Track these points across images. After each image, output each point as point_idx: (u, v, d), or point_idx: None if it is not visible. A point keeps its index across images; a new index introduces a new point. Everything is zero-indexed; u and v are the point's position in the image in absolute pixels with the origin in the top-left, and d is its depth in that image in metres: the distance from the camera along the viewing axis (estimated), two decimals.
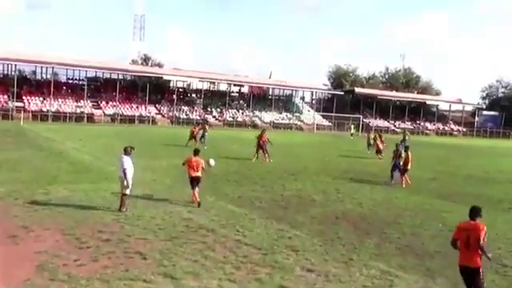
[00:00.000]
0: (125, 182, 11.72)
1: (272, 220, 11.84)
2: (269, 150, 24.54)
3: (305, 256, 9.20)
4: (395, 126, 74.79)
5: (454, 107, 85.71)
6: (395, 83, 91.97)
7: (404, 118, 78.68)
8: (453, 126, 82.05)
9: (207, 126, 33.16)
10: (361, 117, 69.57)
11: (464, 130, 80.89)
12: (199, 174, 13.26)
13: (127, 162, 11.76)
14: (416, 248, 10.30)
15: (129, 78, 67.55)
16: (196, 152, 13.57)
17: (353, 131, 56.13)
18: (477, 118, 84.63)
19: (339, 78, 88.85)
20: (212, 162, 14.40)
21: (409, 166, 18.82)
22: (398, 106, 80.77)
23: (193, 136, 30.08)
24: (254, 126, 65.03)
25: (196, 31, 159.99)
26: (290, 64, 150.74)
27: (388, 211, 13.78)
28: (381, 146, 28.90)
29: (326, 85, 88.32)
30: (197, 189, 13.20)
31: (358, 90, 77.64)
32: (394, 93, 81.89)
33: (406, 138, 39.40)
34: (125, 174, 11.67)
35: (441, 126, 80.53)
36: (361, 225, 12.01)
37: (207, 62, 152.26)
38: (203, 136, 30.51)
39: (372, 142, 30.64)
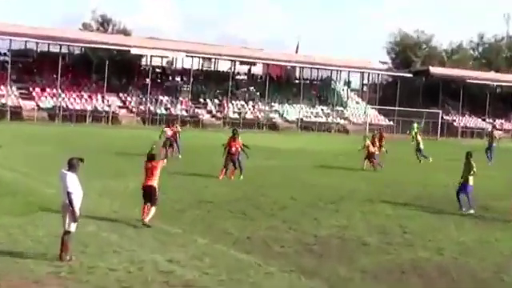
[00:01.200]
0: (68, 214, 11.70)
1: (299, 274, 11.75)
2: (243, 163, 24.57)
3: None
4: (495, 126, 74.24)
5: None
6: (494, 60, 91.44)
7: (510, 114, 77.99)
8: None
9: (179, 127, 33.52)
10: (440, 112, 69.30)
11: None
12: (152, 183, 15.01)
13: (73, 181, 11.75)
14: None
15: (77, 51, 68.19)
16: (152, 157, 15.59)
17: (415, 132, 55.88)
18: None
19: (405, 52, 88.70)
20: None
21: None
22: (499, 95, 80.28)
23: (172, 139, 30.61)
24: (273, 126, 65.16)
25: None
26: (326, 30, 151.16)
27: (484, 262, 13.61)
28: (372, 149, 29.93)
29: (384, 62, 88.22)
30: (153, 209, 14.90)
31: (434, 69, 77.42)
32: (492, 74, 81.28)
33: (494, 143, 38.86)
34: (69, 200, 11.65)
35: None
36: (441, 283, 11.90)
37: (199, 29, 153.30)
38: (174, 142, 31.05)
39: (362, 144, 30.64)
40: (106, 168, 24.27)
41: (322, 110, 71.55)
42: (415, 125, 57.86)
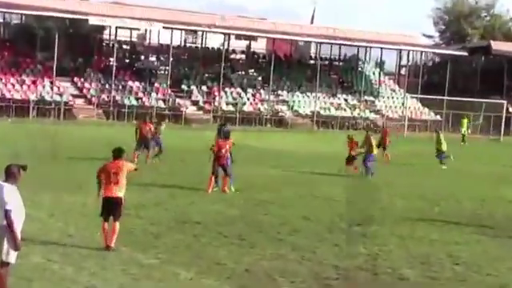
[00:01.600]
0: (6, 240, 11.72)
1: None
2: (230, 170, 24.58)
3: None
4: None
5: None
6: None
7: None
8: None
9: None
10: (504, 103, 69.20)
11: None
12: (119, 192, 15.01)
13: (12, 196, 11.75)
14: None
15: (16, 21, 68.07)
16: (118, 153, 15.59)
17: (465, 130, 56.11)
18: None
19: (458, 23, 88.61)
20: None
21: None
22: None
23: (143, 138, 31.23)
24: (280, 122, 65.12)
25: None
26: None
27: None
28: (353, 152, 31.63)
29: (430, 36, 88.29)
30: (117, 226, 15.03)
31: (497, 45, 77.28)
32: None
33: None
34: (8, 220, 11.66)
35: None
36: None
37: None
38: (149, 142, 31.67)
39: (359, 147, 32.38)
40: (56, 178, 24.26)
41: (346, 100, 71.54)
42: (465, 120, 58.04)
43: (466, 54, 76.53)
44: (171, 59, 65.69)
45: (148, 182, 23.69)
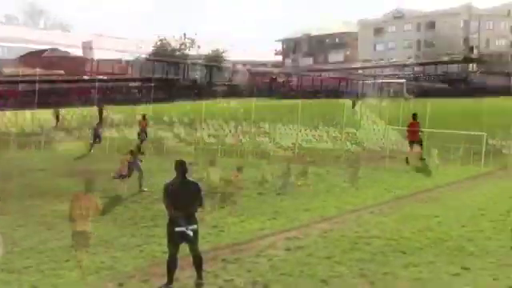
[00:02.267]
0: None
1: None
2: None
3: None
4: None
5: None
6: None
7: None
8: None
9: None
10: (484, 135, 69.51)
11: None
12: (87, 227, 15.20)
13: None
14: None
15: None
16: (88, 185, 15.89)
17: (434, 161, 56.80)
18: None
19: (438, 53, 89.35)
20: None
21: None
22: None
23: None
24: (261, 154, 65.19)
25: None
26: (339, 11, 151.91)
27: None
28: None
29: (406, 66, 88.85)
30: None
31: (476, 77, 77.90)
32: None
33: None
34: None
35: None
36: None
37: (159, 23, 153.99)
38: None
39: None
40: (33, 212, 24.25)
41: (327, 132, 71.74)
42: (435, 150, 58.58)
43: (445, 85, 77.26)
44: (153, 90, 65.91)
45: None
